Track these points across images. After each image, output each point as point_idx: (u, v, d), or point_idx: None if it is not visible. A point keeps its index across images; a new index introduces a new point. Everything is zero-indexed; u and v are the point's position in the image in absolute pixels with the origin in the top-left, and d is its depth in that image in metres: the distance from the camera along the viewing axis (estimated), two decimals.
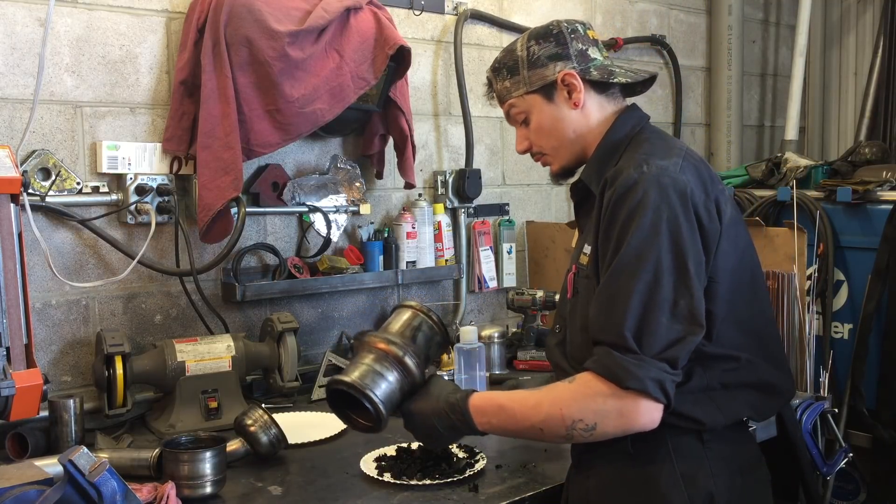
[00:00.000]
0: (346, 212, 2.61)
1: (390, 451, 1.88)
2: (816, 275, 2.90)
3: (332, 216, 2.57)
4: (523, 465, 1.83)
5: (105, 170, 2.19)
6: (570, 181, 1.72)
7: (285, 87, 2.23)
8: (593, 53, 1.63)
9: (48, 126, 2.14)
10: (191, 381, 2.15)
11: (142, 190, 2.23)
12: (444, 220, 2.88)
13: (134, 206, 2.23)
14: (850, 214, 2.89)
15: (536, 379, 2.19)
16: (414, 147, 2.64)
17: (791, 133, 3.80)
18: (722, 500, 1.47)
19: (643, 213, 1.39)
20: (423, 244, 2.78)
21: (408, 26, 2.82)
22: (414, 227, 2.74)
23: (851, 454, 2.60)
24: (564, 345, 1.60)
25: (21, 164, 2.05)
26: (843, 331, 2.93)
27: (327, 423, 2.14)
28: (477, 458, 1.83)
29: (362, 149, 2.68)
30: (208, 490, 1.66)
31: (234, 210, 2.30)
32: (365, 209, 2.64)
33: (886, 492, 2.82)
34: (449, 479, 1.72)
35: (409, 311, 1.69)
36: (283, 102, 2.24)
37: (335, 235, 2.58)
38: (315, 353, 2.62)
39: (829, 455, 2.62)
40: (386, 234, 2.73)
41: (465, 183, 2.93)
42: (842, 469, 2.66)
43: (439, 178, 2.93)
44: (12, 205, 1.66)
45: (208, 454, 1.66)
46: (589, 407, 1.39)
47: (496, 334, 2.61)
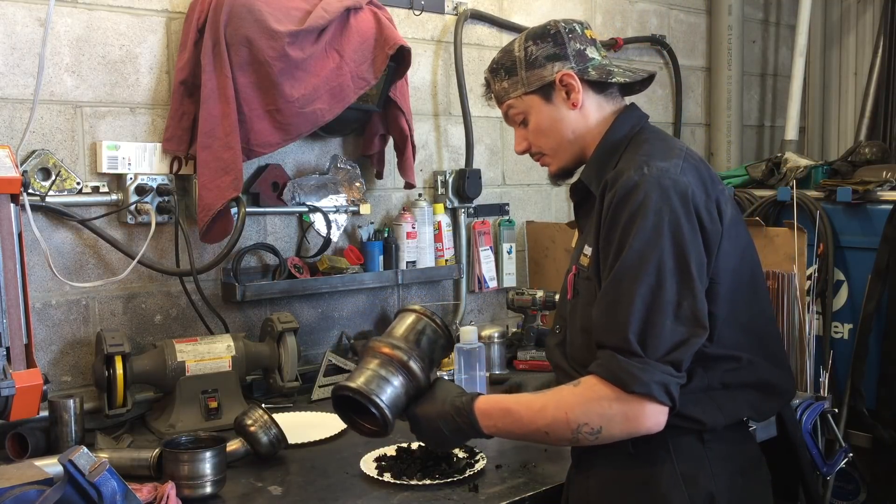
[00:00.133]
0: (346, 212, 2.61)
1: (390, 451, 1.88)
2: (816, 275, 2.90)
3: (332, 216, 2.57)
4: (523, 465, 1.83)
5: (105, 170, 2.19)
6: (568, 182, 1.72)
7: (285, 87, 2.23)
8: (591, 53, 1.63)
9: (48, 126, 2.14)
10: (191, 381, 2.15)
11: (142, 190, 2.23)
12: (444, 220, 2.88)
13: (134, 206, 2.23)
14: (850, 214, 2.89)
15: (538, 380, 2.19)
16: (414, 147, 2.64)
17: (791, 133, 3.80)
18: (722, 500, 1.47)
19: (645, 215, 1.39)
20: (423, 244, 2.78)
21: (408, 26, 2.82)
22: (414, 227, 2.74)
23: (851, 454, 2.60)
24: (564, 345, 1.60)
25: (21, 164, 2.05)
26: (843, 331, 2.93)
27: (327, 423, 2.14)
28: (477, 458, 1.83)
29: (362, 149, 2.68)
30: (208, 490, 1.66)
31: (234, 210, 2.30)
32: (365, 209, 2.63)
33: (886, 492, 2.82)
34: (449, 479, 1.72)
35: (413, 315, 1.69)
36: (283, 102, 2.24)
37: (335, 235, 2.58)
38: (315, 353, 2.62)
39: (829, 455, 2.62)
40: (386, 234, 2.73)
41: (465, 183, 2.93)
42: (842, 469, 2.66)
43: (439, 178, 2.93)
44: (12, 205, 1.66)
45: (208, 454, 1.66)
46: (594, 411, 1.40)
47: (496, 334, 2.61)
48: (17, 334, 1.65)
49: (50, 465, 1.53)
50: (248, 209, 2.31)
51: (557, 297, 2.62)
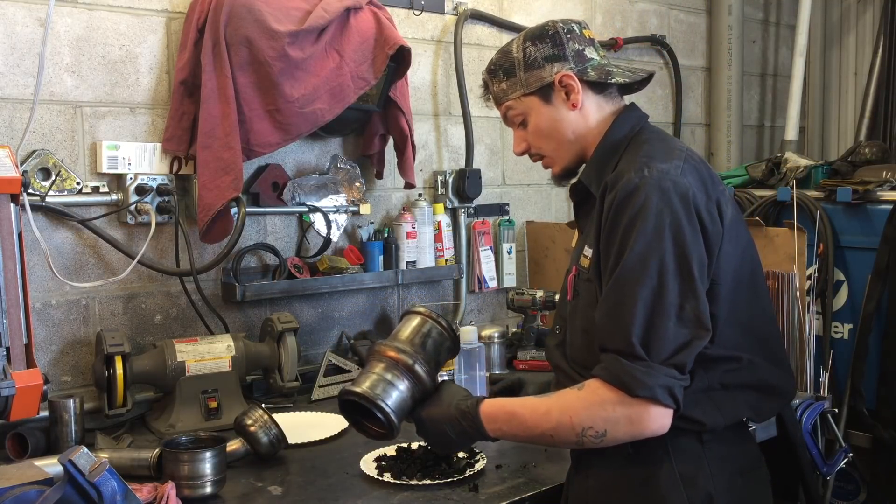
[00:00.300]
0: (346, 212, 2.61)
1: (390, 451, 1.88)
2: (816, 275, 2.90)
3: (332, 216, 2.57)
4: (523, 465, 1.83)
5: (105, 170, 2.19)
6: (571, 182, 1.72)
7: (285, 87, 2.23)
8: (590, 53, 1.62)
9: (48, 126, 2.14)
10: (191, 381, 2.15)
11: (142, 190, 2.23)
12: (444, 220, 2.88)
13: (134, 206, 2.23)
14: (850, 214, 2.89)
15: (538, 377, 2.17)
16: (414, 147, 2.64)
17: (791, 133, 3.80)
18: (721, 501, 1.46)
19: (645, 217, 1.39)
20: (423, 244, 2.78)
21: (408, 26, 2.82)
22: (414, 227, 2.74)
23: (851, 454, 2.60)
24: (564, 346, 1.60)
25: (21, 164, 2.05)
26: (843, 331, 2.93)
27: (327, 423, 2.14)
28: (477, 458, 1.83)
29: (362, 149, 2.68)
30: (208, 490, 1.66)
31: (234, 210, 2.30)
32: (365, 209, 2.63)
33: (886, 492, 2.82)
34: (449, 479, 1.73)
35: (419, 317, 1.69)
36: (283, 102, 2.24)
37: (335, 235, 2.58)
38: (315, 353, 2.62)
39: (829, 455, 2.62)
40: (386, 234, 2.73)
41: (465, 183, 2.93)
42: (842, 469, 2.66)
43: (439, 178, 2.93)
44: (12, 205, 1.66)
45: (208, 454, 1.66)
46: (598, 415, 1.40)
47: (496, 334, 2.61)
48: (17, 334, 1.65)
49: (50, 465, 1.53)
50: (248, 209, 2.31)
51: (557, 297, 2.62)
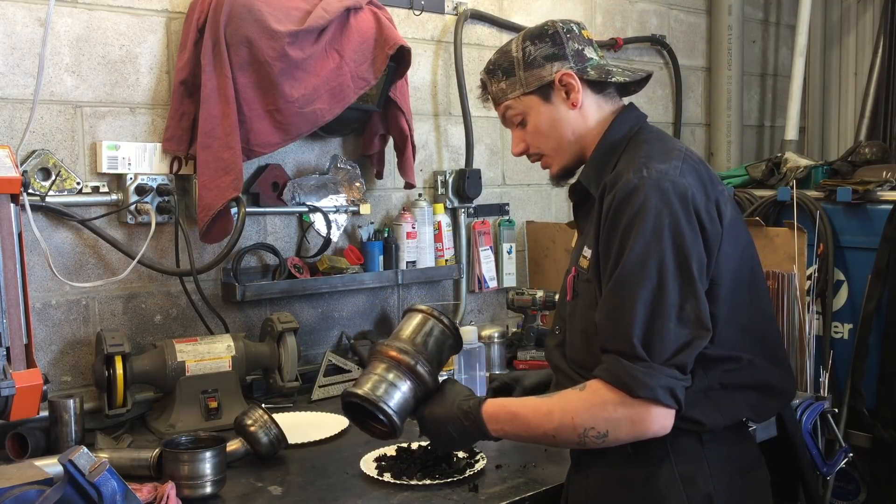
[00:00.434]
0: (346, 212, 2.61)
1: (390, 451, 1.88)
2: (816, 275, 2.90)
3: (332, 216, 2.57)
4: (523, 465, 1.83)
5: (105, 170, 2.19)
6: (570, 182, 1.72)
7: (285, 87, 2.23)
8: (589, 53, 1.62)
9: (48, 126, 2.14)
10: (191, 381, 2.15)
11: (142, 190, 2.23)
12: (444, 220, 2.88)
13: (134, 206, 2.23)
14: (850, 214, 2.89)
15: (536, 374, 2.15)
16: (414, 147, 2.64)
17: (791, 133, 3.80)
18: (721, 501, 1.46)
19: (645, 218, 1.39)
20: (423, 244, 2.78)
21: (408, 26, 2.82)
22: (414, 227, 2.74)
23: (851, 454, 2.60)
24: (564, 346, 1.60)
25: (21, 164, 2.05)
26: (843, 331, 2.93)
27: (327, 423, 2.14)
28: (477, 458, 1.83)
29: (362, 149, 2.68)
30: (208, 490, 1.66)
31: (234, 210, 2.30)
32: (365, 209, 2.63)
33: (886, 492, 2.82)
34: (449, 479, 1.73)
35: (420, 315, 1.68)
36: (283, 102, 2.24)
37: (335, 235, 2.58)
38: (315, 353, 2.62)
39: (829, 455, 2.62)
40: (386, 234, 2.73)
41: (465, 183, 2.93)
42: (842, 469, 2.66)
43: (439, 178, 2.93)
44: (12, 205, 1.66)
45: (208, 454, 1.66)
46: (600, 415, 1.40)
47: (496, 334, 2.61)
48: (17, 334, 1.65)
49: (50, 465, 1.53)
50: (248, 209, 2.31)
51: (557, 297, 2.62)
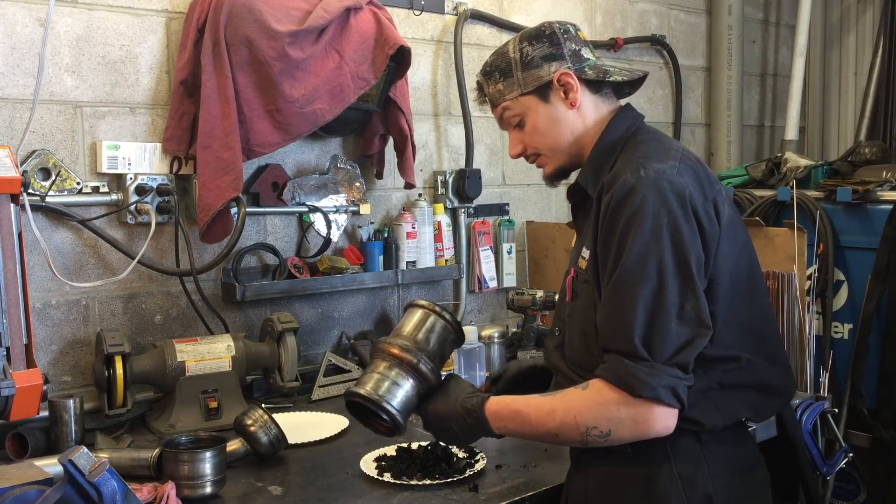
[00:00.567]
0: (346, 212, 2.61)
1: (390, 451, 1.88)
2: (816, 275, 2.90)
3: (332, 216, 2.57)
4: (523, 465, 1.83)
5: (105, 170, 2.19)
6: (564, 183, 1.71)
7: (285, 87, 2.23)
8: (586, 53, 1.62)
9: (48, 126, 2.14)
10: (191, 381, 2.15)
11: (142, 190, 2.23)
12: (444, 220, 2.88)
13: (134, 206, 2.23)
14: (850, 214, 2.89)
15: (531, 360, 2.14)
16: (414, 147, 2.64)
17: (791, 133, 3.80)
18: (720, 501, 1.46)
19: (643, 218, 1.39)
20: (423, 244, 2.78)
21: (408, 26, 2.82)
22: (414, 227, 2.74)
23: (851, 454, 2.60)
24: (563, 348, 1.60)
25: (21, 164, 2.05)
26: (843, 331, 2.93)
27: (327, 423, 2.14)
28: (477, 458, 1.83)
29: (362, 149, 2.68)
30: (208, 490, 1.66)
31: (234, 210, 2.30)
32: (365, 209, 2.63)
33: (886, 492, 2.82)
34: (449, 479, 1.73)
35: (421, 311, 1.67)
36: (283, 102, 2.24)
37: (335, 235, 2.58)
38: (315, 353, 2.62)
39: (829, 455, 2.62)
40: (386, 234, 2.73)
41: (465, 183, 2.93)
42: (842, 469, 2.66)
43: (439, 178, 2.93)
44: (12, 205, 1.66)
45: (208, 454, 1.66)
46: (602, 415, 1.40)
47: (496, 334, 2.61)
48: (17, 334, 1.65)
49: (50, 465, 1.53)
50: (248, 209, 2.31)
51: (557, 296, 2.62)
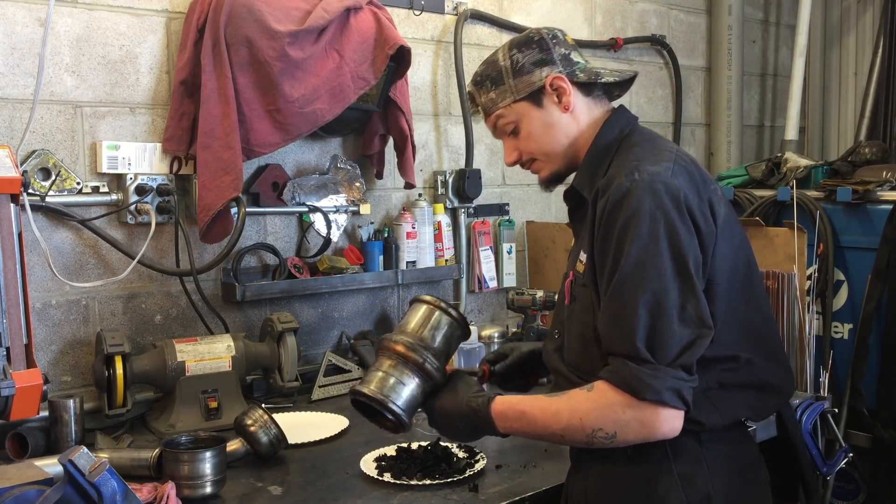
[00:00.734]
0: (346, 212, 2.61)
1: (390, 451, 1.88)
2: (816, 275, 2.90)
3: (332, 216, 2.57)
4: (523, 465, 1.83)
5: (105, 170, 2.19)
6: (557, 187, 1.71)
7: (285, 87, 2.23)
8: (576, 57, 1.63)
9: (48, 126, 2.14)
10: (191, 381, 2.15)
11: (142, 190, 2.23)
12: (444, 220, 2.88)
13: (134, 206, 2.24)
14: (850, 214, 2.89)
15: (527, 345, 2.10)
16: (414, 147, 2.64)
17: (791, 133, 3.80)
18: (720, 501, 1.46)
19: (639, 221, 1.39)
20: (423, 244, 2.78)
21: (408, 26, 2.82)
22: (414, 227, 2.74)
23: (851, 454, 2.60)
24: (562, 350, 1.60)
25: (21, 164, 2.05)
26: (843, 331, 2.93)
27: (327, 423, 2.14)
28: (477, 458, 1.84)
29: (362, 149, 2.68)
30: (208, 490, 1.66)
31: (234, 210, 2.30)
32: (365, 209, 2.64)
33: (886, 492, 2.82)
34: (449, 479, 1.73)
35: (426, 307, 1.67)
36: (283, 102, 2.24)
37: (335, 235, 2.58)
38: (315, 353, 2.62)
39: (829, 455, 2.62)
40: (386, 234, 2.73)
41: (465, 183, 2.93)
42: (842, 469, 2.66)
43: (439, 178, 2.93)
44: (12, 205, 1.66)
45: (208, 454, 1.66)
46: (608, 417, 1.40)
47: (496, 334, 2.62)
48: (17, 334, 1.65)
49: (50, 465, 1.53)
50: (248, 209, 2.31)
51: (556, 298, 2.62)
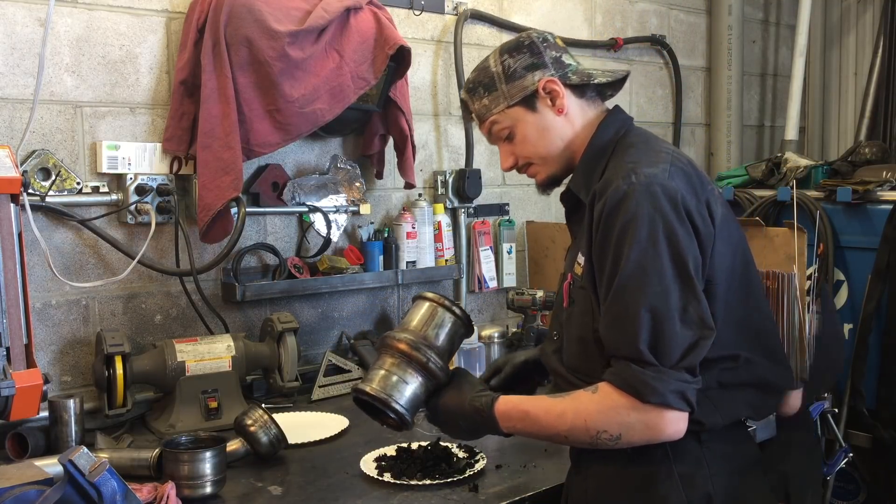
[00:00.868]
0: (346, 212, 2.61)
1: (390, 451, 1.88)
2: (816, 275, 2.89)
3: (332, 216, 2.57)
4: (523, 465, 1.83)
5: (105, 170, 2.19)
6: (555, 190, 1.71)
7: (285, 87, 2.23)
8: (567, 59, 1.62)
9: (48, 126, 2.14)
10: (191, 381, 2.15)
11: (142, 190, 2.23)
12: (444, 220, 2.88)
13: (134, 206, 2.24)
14: (850, 214, 2.89)
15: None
16: (414, 147, 2.64)
17: (791, 133, 3.80)
18: (720, 501, 1.46)
19: (638, 225, 1.39)
20: (423, 244, 2.78)
21: (408, 26, 2.82)
22: (414, 227, 2.74)
23: (851, 454, 2.60)
24: (561, 352, 1.59)
25: (21, 164, 2.05)
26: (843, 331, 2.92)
27: (327, 423, 2.14)
28: (477, 458, 1.83)
29: (362, 149, 2.68)
30: (208, 490, 1.66)
31: (234, 210, 2.30)
32: (365, 209, 2.64)
33: (886, 492, 2.82)
34: (449, 479, 1.73)
35: (429, 304, 1.66)
36: (283, 102, 2.24)
37: (335, 235, 2.58)
38: (315, 353, 2.62)
39: (829, 455, 2.62)
40: (386, 234, 2.73)
41: (465, 183, 2.93)
42: (842, 469, 2.66)
43: (439, 178, 2.93)
44: (12, 205, 1.65)
45: (208, 454, 1.66)
46: (613, 419, 1.40)
47: (496, 334, 2.62)
48: (17, 334, 1.65)
49: (50, 465, 1.53)
50: (248, 209, 2.31)
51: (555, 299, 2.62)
